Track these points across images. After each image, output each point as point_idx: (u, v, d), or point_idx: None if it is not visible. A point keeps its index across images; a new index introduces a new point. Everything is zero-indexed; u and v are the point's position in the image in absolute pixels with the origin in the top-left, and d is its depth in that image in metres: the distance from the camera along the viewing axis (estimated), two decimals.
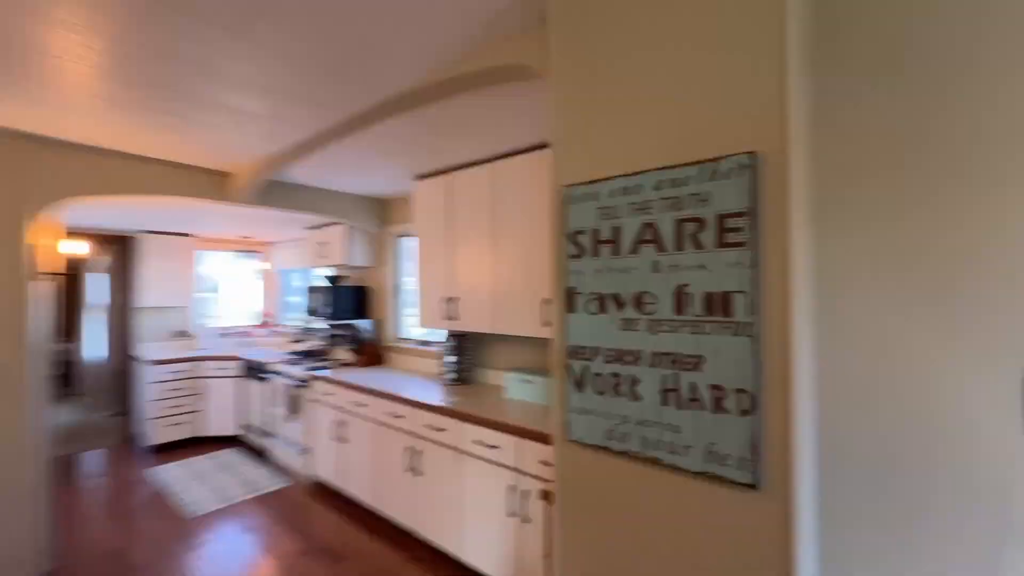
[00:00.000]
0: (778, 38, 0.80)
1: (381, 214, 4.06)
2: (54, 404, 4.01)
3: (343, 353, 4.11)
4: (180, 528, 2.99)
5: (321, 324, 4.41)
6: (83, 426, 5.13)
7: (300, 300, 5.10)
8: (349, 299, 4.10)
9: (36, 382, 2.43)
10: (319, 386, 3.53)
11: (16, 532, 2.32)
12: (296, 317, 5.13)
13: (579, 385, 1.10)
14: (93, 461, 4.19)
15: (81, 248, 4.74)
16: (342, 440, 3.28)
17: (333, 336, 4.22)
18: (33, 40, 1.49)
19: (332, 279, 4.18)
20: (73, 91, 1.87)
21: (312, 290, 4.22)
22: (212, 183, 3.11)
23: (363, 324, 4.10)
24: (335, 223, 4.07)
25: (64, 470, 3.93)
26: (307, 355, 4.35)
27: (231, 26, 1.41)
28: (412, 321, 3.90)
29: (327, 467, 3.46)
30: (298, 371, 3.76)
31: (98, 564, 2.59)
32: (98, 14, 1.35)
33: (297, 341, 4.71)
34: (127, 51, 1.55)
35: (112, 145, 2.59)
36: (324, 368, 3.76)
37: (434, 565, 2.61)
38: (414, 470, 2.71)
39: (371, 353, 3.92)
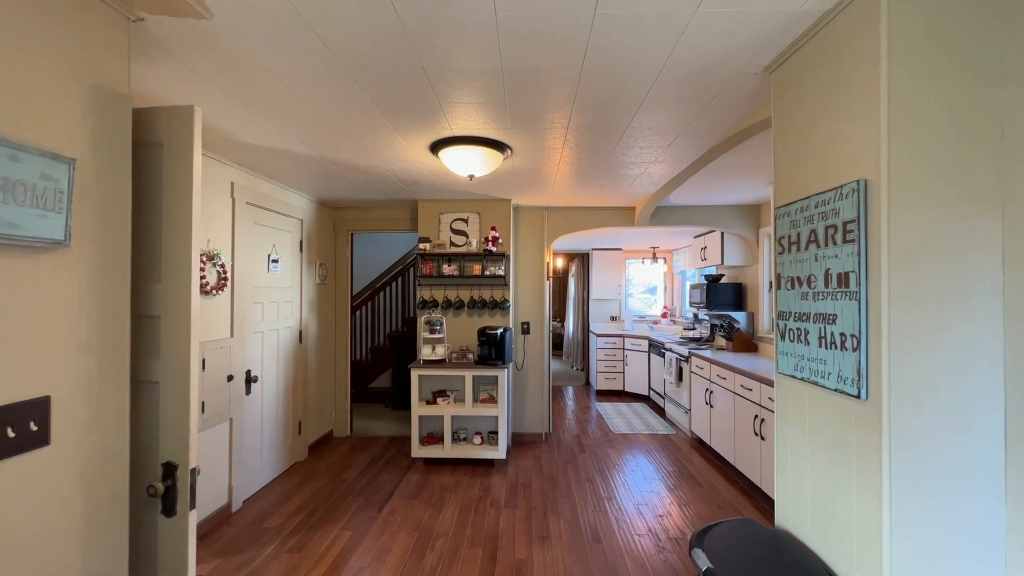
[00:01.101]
0: (876, 114, 1.21)
1: (752, 218, 4.59)
2: (553, 357, 6.86)
3: (720, 339, 4.90)
4: (607, 435, 4.75)
5: (704, 315, 5.35)
6: (565, 372, 8.20)
7: (693, 295, 6.20)
8: (726, 294, 4.84)
9: (547, 341, 4.69)
10: (695, 361, 4.52)
11: (539, 414, 4.62)
12: (689, 309, 6.26)
13: (783, 336, 1.63)
14: (568, 392, 6.84)
15: (561, 262, 7.67)
16: (710, 405, 4.14)
17: (712, 325, 5.08)
18: (545, 171, 3.31)
19: (711, 277, 5.04)
20: (557, 186, 3.74)
21: (695, 287, 5.23)
22: (624, 215, 4.71)
23: (738, 316, 4.73)
24: (711, 231, 4.93)
25: (556, 393, 6.68)
26: (693, 339, 5.40)
27: (652, 127, 2.70)
28: None
29: (699, 424, 4.40)
30: (683, 350, 4.88)
31: (568, 437, 4.64)
32: (581, 151, 2.95)
33: (688, 329, 5.83)
34: (586, 160, 3.15)
35: (571, 204, 4.57)
36: (701, 349, 4.71)
37: (772, 514, 3.11)
38: (759, 434, 3.26)
39: (742, 341, 4.52)
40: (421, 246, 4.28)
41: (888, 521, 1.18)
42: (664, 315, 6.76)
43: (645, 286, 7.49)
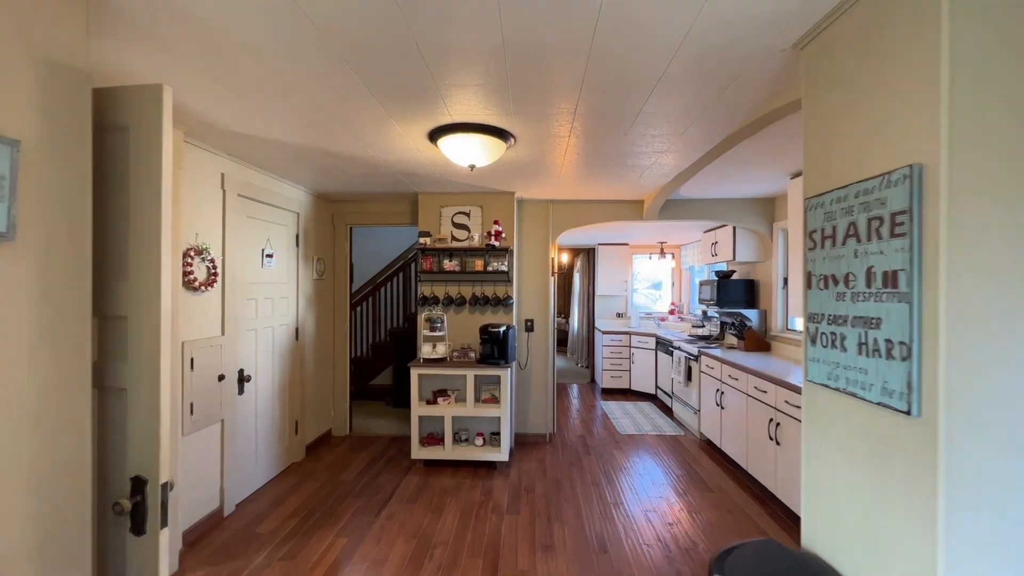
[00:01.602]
0: (934, 89, 1.05)
1: (766, 212, 4.40)
2: (557, 354, 6.71)
3: (730, 338, 4.73)
4: (613, 436, 4.61)
5: (713, 312, 5.19)
6: (569, 369, 8.06)
7: (702, 292, 6.02)
8: (737, 291, 4.67)
9: (551, 339, 4.54)
10: (705, 360, 4.36)
11: (542, 415, 4.48)
12: (698, 306, 6.09)
13: (813, 341, 1.48)
14: (573, 390, 6.70)
15: (566, 257, 7.49)
16: (720, 406, 3.99)
17: (723, 323, 4.91)
18: (551, 161, 3.15)
19: (722, 273, 4.87)
20: (563, 178, 3.58)
21: (704, 283, 5.06)
22: (633, 209, 4.55)
23: (750, 313, 4.56)
24: (723, 225, 4.75)
25: (560, 390, 6.55)
26: (702, 337, 5.24)
27: (656, 116, 2.53)
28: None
29: (708, 426, 4.25)
30: (692, 348, 4.72)
31: (572, 438, 4.50)
32: (589, 140, 2.79)
33: (697, 326, 5.67)
34: (594, 150, 2.99)
35: (577, 197, 4.41)
36: (711, 348, 4.55)
37: (788, 523, 2.97)
38: (774, 439, 3.11)
39: (754, 339, 4.36)
40: (421, 240, 4.14)
41: (944, 552, 1.03)
42: (672, 312, 6.60)
43: (650, 281, 7.31)
